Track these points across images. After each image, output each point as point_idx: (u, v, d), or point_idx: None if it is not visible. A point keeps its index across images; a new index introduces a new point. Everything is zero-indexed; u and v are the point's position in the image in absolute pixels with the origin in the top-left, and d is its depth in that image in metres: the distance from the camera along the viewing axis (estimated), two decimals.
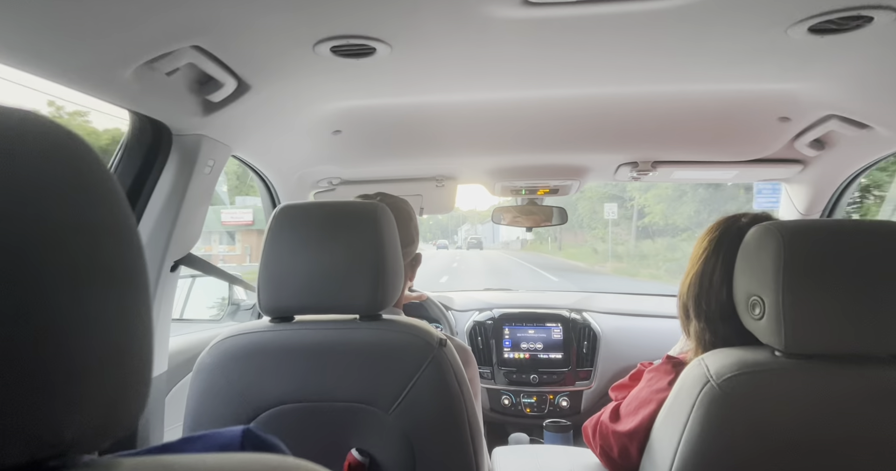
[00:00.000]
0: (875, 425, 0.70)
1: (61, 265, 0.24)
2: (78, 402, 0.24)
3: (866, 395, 0.70)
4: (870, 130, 1.19)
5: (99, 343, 0.25)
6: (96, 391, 0.25)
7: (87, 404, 0.24)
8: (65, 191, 0.25)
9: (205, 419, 0.87)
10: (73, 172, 0.25)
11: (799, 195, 1.66)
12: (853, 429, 0.70)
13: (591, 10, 0.77)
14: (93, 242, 0.25)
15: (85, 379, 0.24)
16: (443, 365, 0.84)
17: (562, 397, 1.95)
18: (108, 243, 0.26)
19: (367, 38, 0.86)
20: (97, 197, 0.26)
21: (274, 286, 0.88)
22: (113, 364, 0.25)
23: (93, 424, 0.25)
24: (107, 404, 0.25)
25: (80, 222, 0.25)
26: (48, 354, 0.23)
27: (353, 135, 1.43)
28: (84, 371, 0.24)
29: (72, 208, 0.25)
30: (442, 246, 53.28)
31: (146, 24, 0.74)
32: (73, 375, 0.24)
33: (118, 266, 0.26)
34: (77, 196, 0.25)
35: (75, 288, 0.24)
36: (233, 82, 0.98)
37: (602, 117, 1.34)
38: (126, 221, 0.27)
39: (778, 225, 0.77)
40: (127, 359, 0.26)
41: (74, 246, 0.24)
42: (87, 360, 0.24)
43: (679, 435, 0.75)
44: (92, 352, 0.24)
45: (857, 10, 0.74)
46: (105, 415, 0.25)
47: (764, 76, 1.04)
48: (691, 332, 0.94)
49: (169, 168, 1.08)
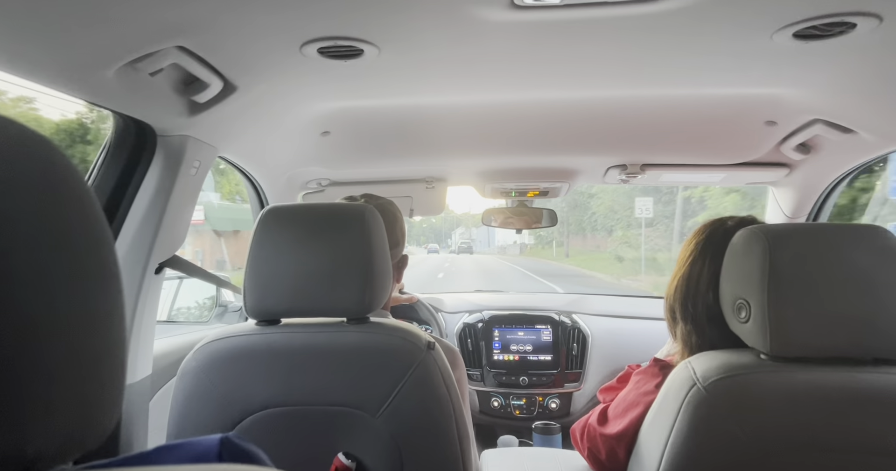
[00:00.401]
0: (859, 428, 0.70)
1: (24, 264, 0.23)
2: (43, 412, 0.23)
3: (850, 397, 0.71)
4: (854, 134, 1.20)
5: (66, 348, 0.24)
6: (63, 400, 0.24)
7: (53, 414, 0.23)
8: (32, 189, 0.24)
9: (189, 424, 0.86)
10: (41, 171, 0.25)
11: (785, 199, 1.68)
12: (838, 431, 0.70)
13: (578, 14, 0.77)
14: (61, 242, 0.24)
15: (51, 387, 0.23)
16: (431, 368, 0.83)
17: (551, 399, 1.96)
18: (78, 244, 0.25)
19: (355, 40, 0.86)
20: (66, 197, 0.25)
21: (260, 289, 0.87)
22: (83, 370, 0.25)
23: (60, 435, 0.24)
24: (76, 414, 0.24)
25: (48, 222, 0.24)
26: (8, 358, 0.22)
27: (342, 136, 1.42)
28: (50, 378, 0.23)
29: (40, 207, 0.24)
30: (433, 250, 51.61)
31: (128, 23, 0.73)
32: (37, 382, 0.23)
33: (89, 267, 0.25)
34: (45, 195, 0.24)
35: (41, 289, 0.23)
36: (219, 83, 0.97)
37: (591, 120, 1.34)
38: (97, 222, 0.27)
39: (763, 229, 0.77)
40: (98, 365, 0.25)
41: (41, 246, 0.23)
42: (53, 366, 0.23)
43: (666, 438, 0.75)
44: (59, 357, 0.24)
45: (841, 17, 0.75)
46: (74, 425, 0.24)
47: (751, 81, 1.05)
48: (678, 334, 0.95)
49: (153, 169, 1.07)
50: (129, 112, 0.97)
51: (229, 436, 0.38)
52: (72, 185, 0.26)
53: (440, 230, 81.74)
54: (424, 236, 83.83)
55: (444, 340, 1.20)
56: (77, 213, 0.26)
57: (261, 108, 1.14)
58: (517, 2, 0.73)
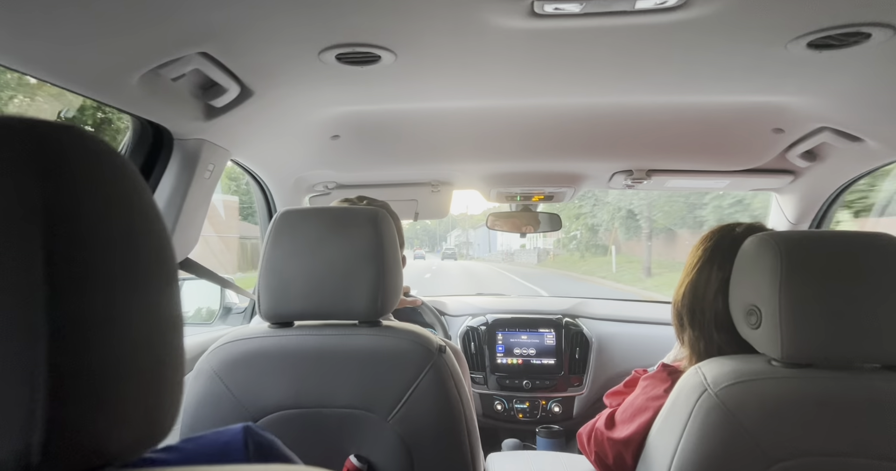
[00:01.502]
0: (869, 434, 0.71)
1: (108, 275, 0.24)
2: (122, 413, 0.24)
3: (860, 404, 0.72)
4: (861, 142, 1.21)
5: (140, 353, 0.25)
6: (138, 401, 0.25)
7: (130, 415, 0.25)
8: (108, 197, 0.25)
9: (201, 425, 0.87)
10: (114, 179, 0.26)
11: (789, 205, 1.69)
12: (848, 438, 0.71)
13: (597, 23, 0.78)
14: (132, 244, 0.25)
15: (129, 390, 0.24)
16: (442, 371, 0.84)
17: (554, 402, 1.96)
18: (145, 247, 0.26)
19: (373, 46, 0.87)
20: (135, 203, 0.26)
21: (274, 291, 0.88)
22: (151, 374, 0.26)
23: (134, 434, 0.25)
24: (146, 414, 0.25)
25: (125, 228, 0.25)
26: (101, 365, 0.23)
27: (351, 139, 1.43)
28: (127, 381, 0.24)
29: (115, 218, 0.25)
30: (419, 256, 48.26)
31: (155, 30, 0.74)
32: (121, 386, 0.24)
33: (157, 275, 0.27)
34: (119, 202, 0.25)
35: (119, 299, 0.24)
36: (236, 88, 0.98)
37: (598, 126, 1.35)
38: (161, 226, 0.28)
39: (775, 235, 0.78)
40: (162, 367, 0.27)
41: (119, 253, 0.25)
42: (130, 369, 0.24)
43: (676, 443, 0.76)
44: (134, 362, 0.25)
45: (857, 27, 0.76)
46: (145, 424, 0.25)
47: (760, 89, 1.06)
48: (686, 340, 0.95)
49: (169, 172, 1.08)
50: (149, 116, 0.98)
51: (250, 425, 0.39)
52: (140, 190, 0.27)
53: (434, 233, 77.21)
54: (418, 240, 79.81)
55: (448, 342, 1.21)
56: (142, 217, 0.27)
57: (275, 113, 1.15)
58: (537, 10, 0.74)
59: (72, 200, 0.23)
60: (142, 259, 0.26)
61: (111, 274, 0.24)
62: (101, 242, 0.24)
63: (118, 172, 0.26)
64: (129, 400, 0.24)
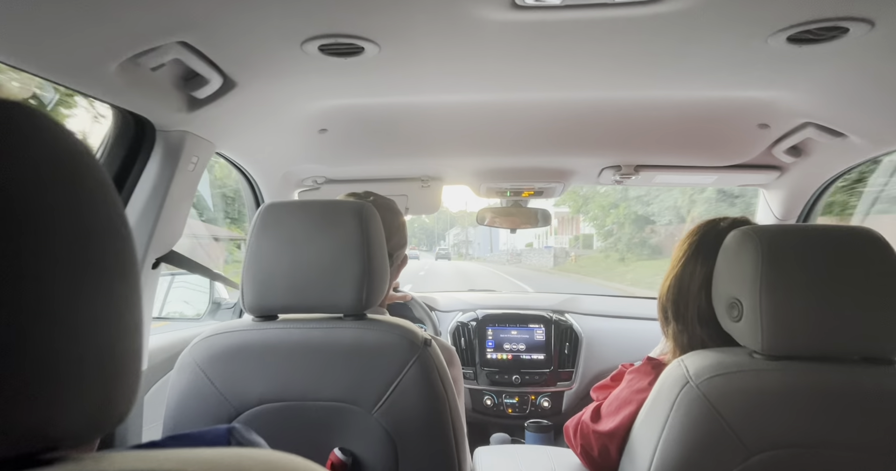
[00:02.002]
0: (848, 425, 0.72)
1: (49, 256, 0.23)
2: (68, 396, 0.24)
3: (839, 396, 0.73)
4: (844, 138, 1.22)
5: (90, 337, 0.25)
6: (87, 386, 0.25)
7: (78, 399, 0.24)
8: (49, 180, 0.24)
9: (185, 418, 0.86)
10: (59, 161, 0.25)
11: (776, 201, 1.70)
12: (827, 429, 0.72)
13: (578, 15, 0.78)
14: (82, 233, 0.25)
15: (74, 373, 0.24)
16: (427, 365, 0.84)
17: (543, 397, 1.97)
18: (98, 235, 0.26)
19: (356, 38, 0.86)
20: (85, 187, 0.26)
21: (258, 285, 0.88)
22: (104, 358, 0.25)
23: (83, 418, 0.25)
24: (98, 399, 0.25)
25: (68, 213, 0.25)
26: (37, 347, 0.23)
27: (339, 134, 1.43)
28: (74, 365, 0.24)
29: (58, 198, 0.24)
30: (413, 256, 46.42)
31: (132, 18, 0.73)
32: (62, 368, 0.24)
33: (109, 259, 0.26)
34: (64, 186, 0.25)
35: (65, 280, 0.24)
36: (218, 79, 0.97)
37: (587, 121, 1.35)
38: (116, 213, 0.27)
39: (757, 230, 0.79)
40: (118, 353, 0.26)
41: (63, 237, 0.24)
42: (77, 353, 0.24)
43: (658, 435, 0.76)
44: (82, 345, 0.24)
45: (834, 22, 0.76)
46: (96, 410, 0.25)
47: (744, 84, 1.07)
48: (670, 333, 0.96)
49: (152, 164, 1.07)
50: (129, 107, 0.97)
51: (235, 426, 0.39)
52: (91, 175, 0.26)
53: (433, 231, 75.10)
54: (416, 238, 78.71)
55: (440, 338, 1.21)
56: (97, 204, 0.26)
57: (259, 105, 1.14)
58: (518, 2, 0.73)
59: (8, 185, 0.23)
60: (95, 247, 0.25)
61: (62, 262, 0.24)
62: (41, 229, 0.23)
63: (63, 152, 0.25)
64: (77, 384, 0.24)
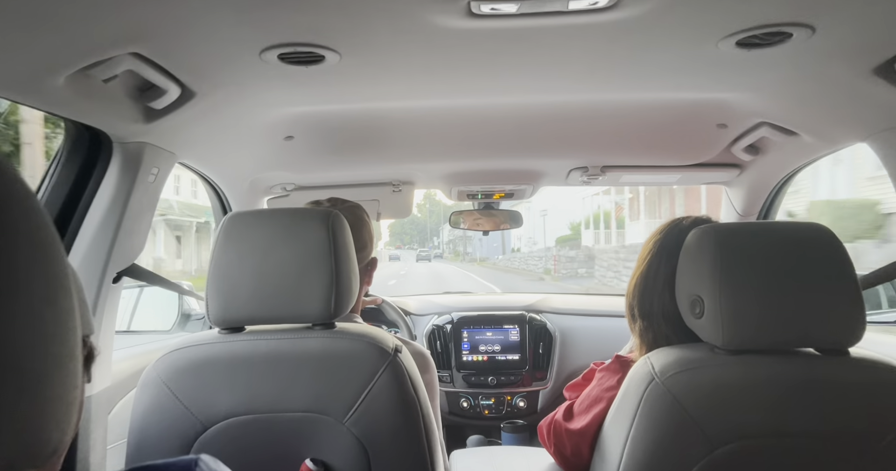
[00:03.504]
0: (807, 415, 0.75)
1: None
2: None
3: (796, 386, 0.75)
4: (797, 136, 1.27)
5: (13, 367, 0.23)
6: (16, 417, 0.23)
7: (6, 430, 0.23)
8: None
9: (150, 436, 0.84)
10: None
11: (738, 198, 1.75)
12: (788, 419, 0.75)
13: (536, 23, 0.79)
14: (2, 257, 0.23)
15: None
16: (398, 372, 0.84)
17: (519, 397, 1.98)
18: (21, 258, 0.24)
19: (316, 46, 0.86)
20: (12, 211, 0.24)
21: (223, 296, 0.86)
22: (34, 388, 0.24)
23: (12, 450, 0.23)
24: (29, 430, 0.24)
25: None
26: None
27: (305, 141, 1.41)
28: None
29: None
30: (394, 257, 43.46)
31: (79, 30, 0.71)
32: None
33: (37, 284, 0.25)
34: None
35: None
36: (176, 89, 0.95)
37: (552, 124, 1.37)
38: (44, 234, 0.26)
39: (714, 228, 0.82)
40: (50, 381, 0.25)
41: None
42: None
43: (627, 432, 0.78)
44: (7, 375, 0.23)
45: (778, 27, 0.79)
46: (27, 441, 0.24)
47: (701, 86, 1.10)
48: (636, 330, 0.98)
49: (109, 177, 1.04)
50: (82, 119, 0.95)
51: (202, 457, 0.38)
52: (18, 196, 0.25)
53: (425, 228, 68.93)
54: (408, 235, 73.50)
55: (414, 343, 1.21)
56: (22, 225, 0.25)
57: (221, 114, 1.12)
58: (475, 10, 0.74)
59: None
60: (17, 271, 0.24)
61: None
62: None
63: None
64: None
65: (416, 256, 43.05)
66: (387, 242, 77.90)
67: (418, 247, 59.36)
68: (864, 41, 0.84)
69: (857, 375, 0.76)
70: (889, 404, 0.74)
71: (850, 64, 0.91)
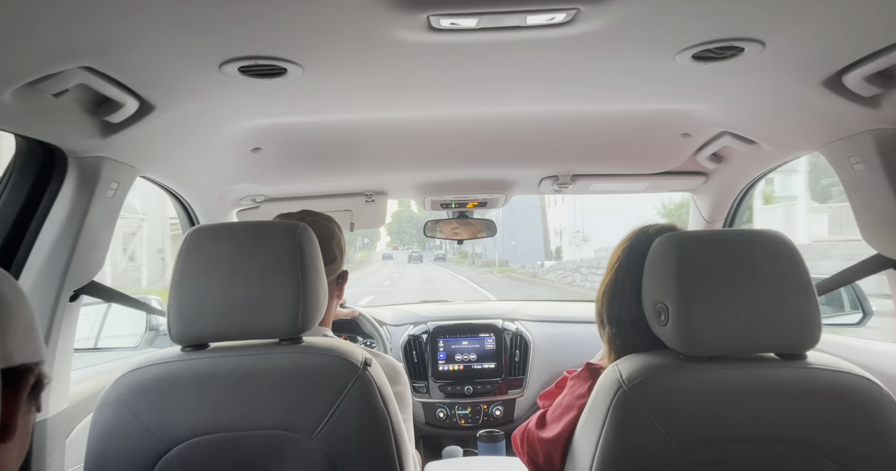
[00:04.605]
0: (770, 420, 0.76)
1: None
2: None
3: (759, 391, 0.77)
4: (756, 145, 1.31)
5: None
6: None
7: None
8: None
9: (109, 459, 0.81)
10: None
11: (704, 205, 1.79)
12: (750, 425, 0.76)
13: (496, 37, 0.80)
14: None
15: None
16: (367, 386, 0.83)
17: (495, 406, 1.98)
18: None
19: (277, 59, 0.85)
20: None
21: (185, 313, 0.84)
22: None
23: None
24: None
25: None
26: None
27: (274, 152, 1.40)
28: None
29: None
30: (387, 257, 43.70)
31: (23, 45, 0.69)
32: None
33: None
34: None
35: None
36: (134, 103, 0.93)
37: (521, 134, 1.38)
38: None
39: (677, 236, 0.83)
40: None
41: None
42: None
43: (596, 439, 0.78)
44: None
45: (730, 42, 0.82)
46: None
47: (663, 97, 1.12)
48: (606, 337, 0.99)
49: (65, 192, 1.01)
50: (33, 134, 0.92)
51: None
52: None
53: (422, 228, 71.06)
54: (407, 235, 71.59)
55: (387, 356, 1.19)
56: None
57: (183, 127, 1.10)
58: (434, 25, 0.74)
59: None
60: None
61: None
62: None
63: None
64: None
65: (408, 257, 41.74)
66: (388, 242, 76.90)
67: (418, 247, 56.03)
68: (811, 55, 0.87)
69: (817, 379, 0.78)
70: (848, 408, 0.76)
71: (801, 77, 0.94)
